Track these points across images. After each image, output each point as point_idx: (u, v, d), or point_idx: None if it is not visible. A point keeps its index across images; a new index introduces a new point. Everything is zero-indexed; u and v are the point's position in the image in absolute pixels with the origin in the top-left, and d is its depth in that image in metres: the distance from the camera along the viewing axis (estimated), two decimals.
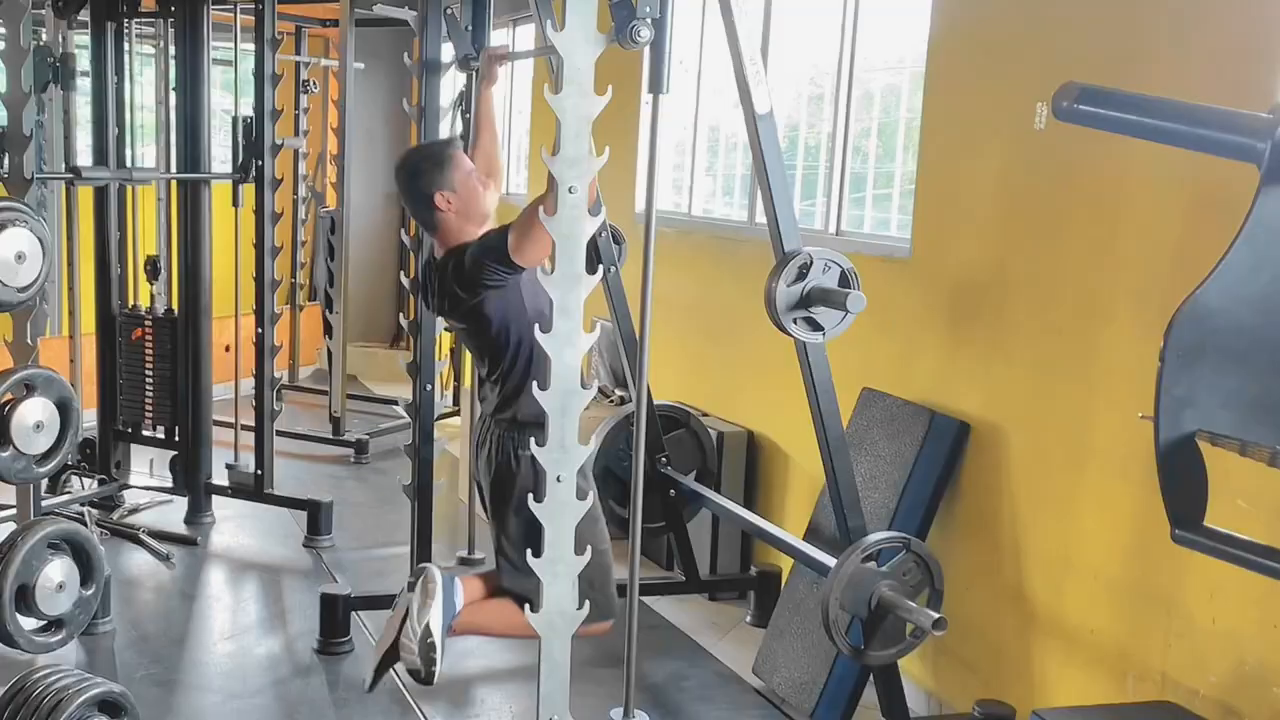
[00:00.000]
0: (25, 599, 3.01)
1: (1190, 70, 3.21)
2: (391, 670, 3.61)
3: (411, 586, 3.55)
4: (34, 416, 3.05)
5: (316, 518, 5.69)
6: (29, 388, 3.06)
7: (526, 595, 3.56)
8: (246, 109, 5.78)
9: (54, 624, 3.11)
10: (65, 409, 3.13)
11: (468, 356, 5.48)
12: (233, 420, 6.08)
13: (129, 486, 5.97)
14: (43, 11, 5.94)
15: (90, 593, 3.17)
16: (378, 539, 5.85)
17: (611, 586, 3.56)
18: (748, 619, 4.93)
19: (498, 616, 3.61)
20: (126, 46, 5.77)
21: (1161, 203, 3.31)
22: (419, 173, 3.58)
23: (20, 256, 3.00)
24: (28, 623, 3.06)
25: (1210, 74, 3.16)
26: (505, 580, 3.61)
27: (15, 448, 3.04)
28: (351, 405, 7.72)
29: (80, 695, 2.97)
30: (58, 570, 3.05)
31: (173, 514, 5.87)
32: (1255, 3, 3.10)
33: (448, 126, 6.50)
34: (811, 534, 4.34)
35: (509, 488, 3.53)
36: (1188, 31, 3.24)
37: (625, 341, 4.56)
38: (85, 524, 5.07)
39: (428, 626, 3.45)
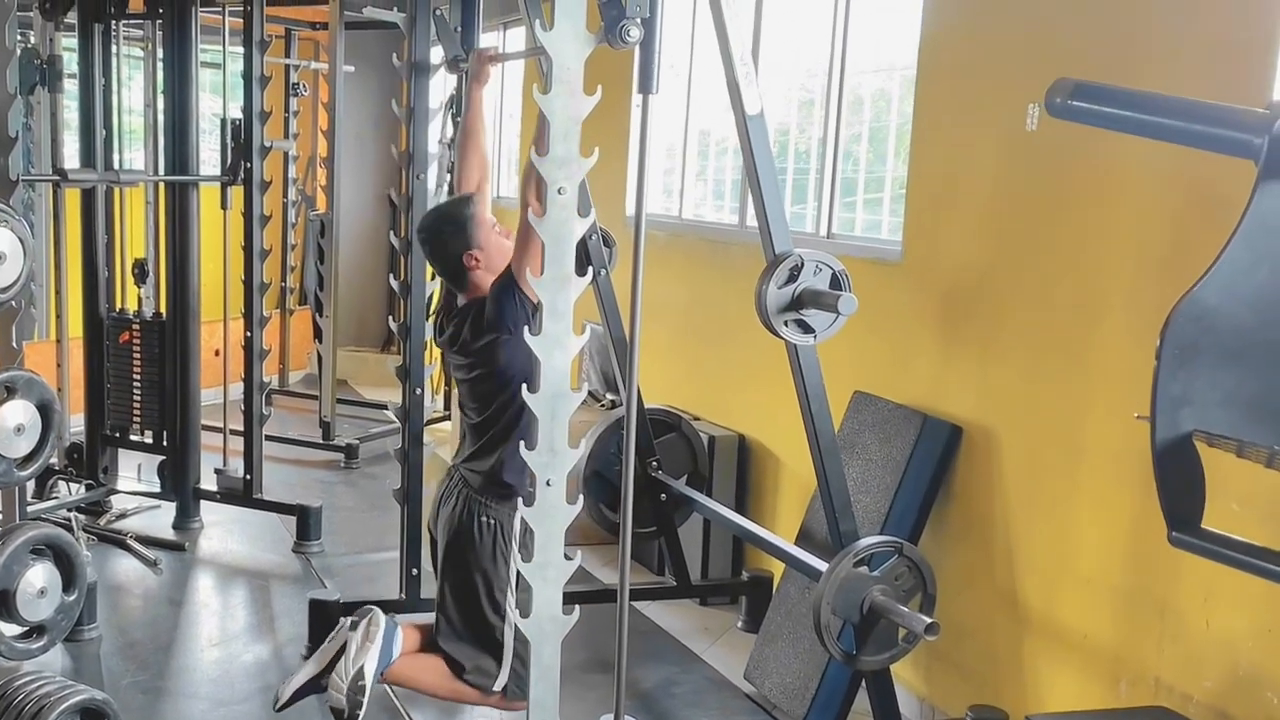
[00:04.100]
0: (6, 604, 2.97)
1: (1185, 67, 3.19)
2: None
3: (354, 625, 3.50)
4: (15, 419, 3.01)
5: (306, 523, 5.66)
6: (10, 390, 3.02)
7: (459, 660, 3.53)
8: (235, 112, 5.75)
9: (35, 630, 3.07)
10: (46, 411, 3.09)
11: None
12: (221, 425, 6.04)
13: (116, 491, 5.93)
14: (30, 13, 5.90)
15: (73, 598, 3.13)
16: (367, 544, 5.81)
17: None
18: (739, 624, 4.91)
19: (428, 674, 3.57)
20: (114, 49, 5.75)
21: (1151, 202, 3.30)
22: (445, 237, 3.57)
23: (0, 257, 2.97)
24: (9, 629, 3.03)
25: (1205, 71, 3.14)
26: (441, 639, 3.56)
27: None
28: (341, 410, 7.70)
29: (62, 702, 2.94)
30: (39, 575, 3.02)
31: (161, 519, 5.84)
32: None
33: (437, 128, 6.51)
34: (803, 538, 4.32)
35: (465, 553, 3.46)
36: (1182, 29, 3.23)
37: (616, 345, 4.54)
38: (72, 529, 5.03)
39: (361, 669, 3.41)
